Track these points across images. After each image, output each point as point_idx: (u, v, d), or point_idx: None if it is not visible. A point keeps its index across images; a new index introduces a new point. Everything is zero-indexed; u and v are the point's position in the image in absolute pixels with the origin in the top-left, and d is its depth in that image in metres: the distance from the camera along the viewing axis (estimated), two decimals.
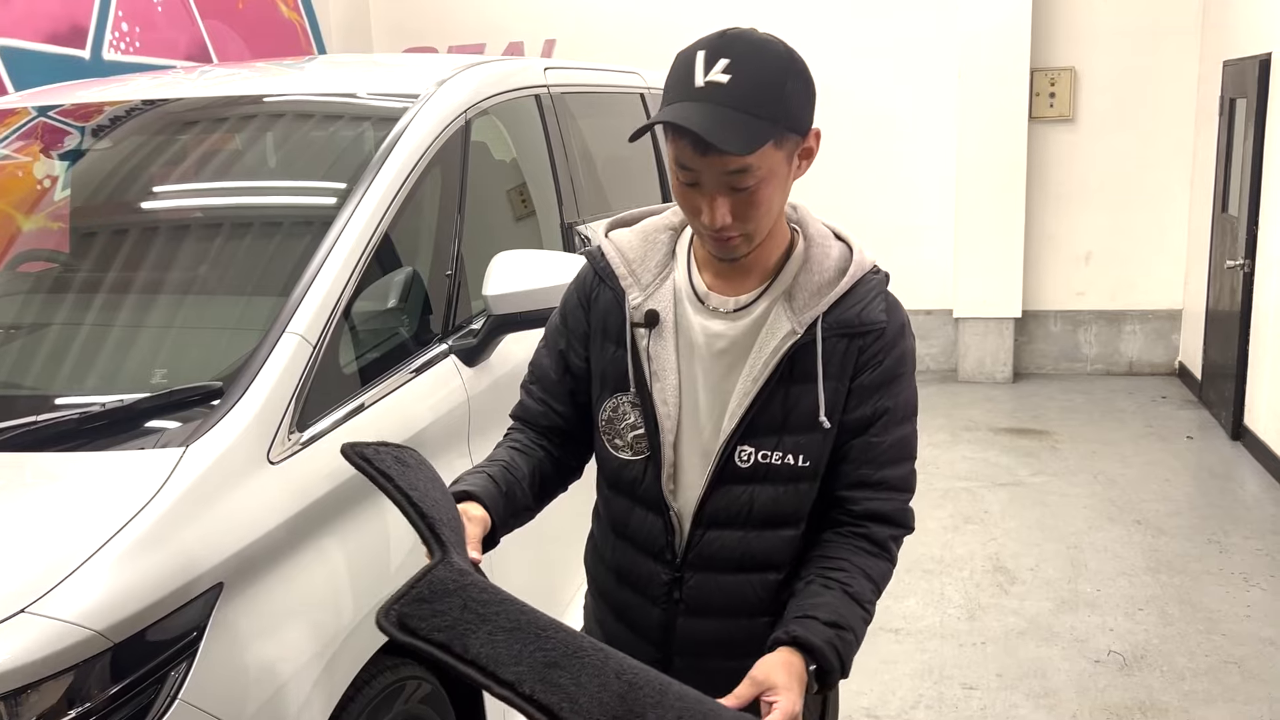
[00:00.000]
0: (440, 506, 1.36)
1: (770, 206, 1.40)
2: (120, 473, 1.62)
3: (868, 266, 1.52)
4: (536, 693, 1.20)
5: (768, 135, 1.33)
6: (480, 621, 1.22)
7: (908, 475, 1.53)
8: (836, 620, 1.39)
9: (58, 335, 2.18)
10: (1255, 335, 5.45)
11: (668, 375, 1.50)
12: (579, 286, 1.60)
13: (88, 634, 1.39)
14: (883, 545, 1.50)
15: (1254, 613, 3.81)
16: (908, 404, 1.51)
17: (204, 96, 2.77)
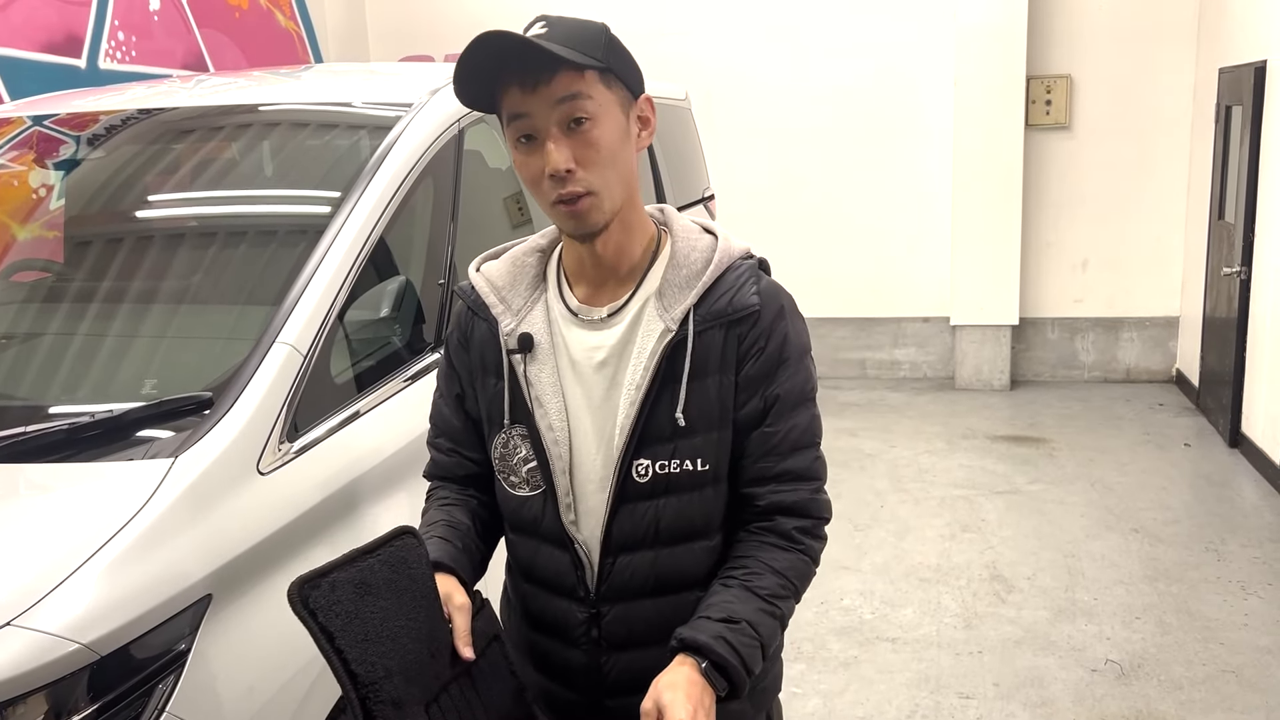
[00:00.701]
0: (398, 645, 1.25)
1: (612, 154, 1.35)
2: (109, 484, 1.62)
3: (736, 253, 1.46)
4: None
5: (590, 64, 1.31)
6: None
7: (811, 463, 1.45)
8: (729, 616, 1.33)
9: (50, 345, 2.18)
10: (1252, 342, 5.45)
11: (550, 399, 1.44)
12: (456, 326, 1.55)
13: (74, 647, 1.38)
14: (789, 537, 1.42)
15: (1251, 621, 3.80)
16: (800, 390, 1.44)
17: (199, 106, 2.77)
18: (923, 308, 7.13)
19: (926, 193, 7.01)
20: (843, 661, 3.57)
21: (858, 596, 4.07)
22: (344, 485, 1.91)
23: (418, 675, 1.26)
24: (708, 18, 7.04)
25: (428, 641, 1.29)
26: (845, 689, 3.41)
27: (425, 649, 1.28)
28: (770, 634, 1.37)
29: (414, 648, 1.26)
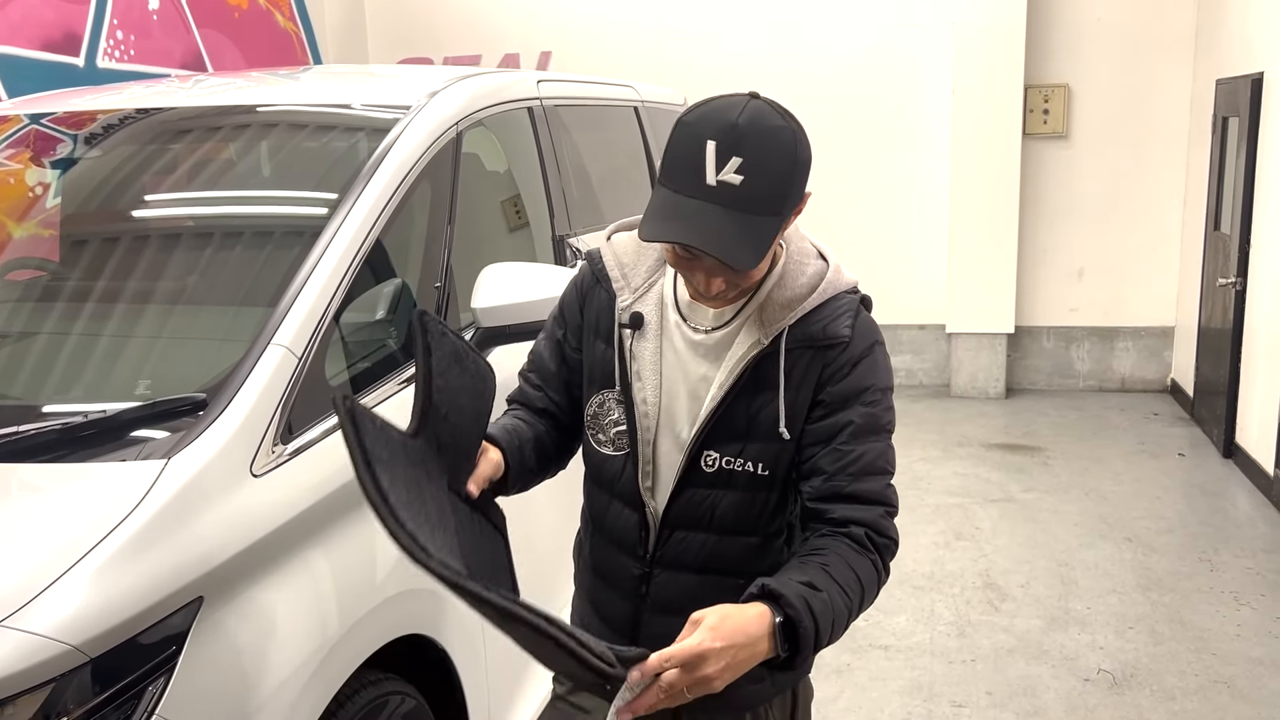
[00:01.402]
0: (460, 411, 1.42)
1: (760, 271, 1.49)
2: (101, 484, 1.61)
3: (843, 285, 1.56)
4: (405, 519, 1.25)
5: (775, 231, 1.40)
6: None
7: (884, 489, 1.52)
8: (811, 581, 1.36)
9: (44, 345, 2.17)
10: (1247, 353, 5.46)
11: (648, 376, 1.57)
12: (577, 284, 1.69)
13: (64, 648, 1.37)
14: (862, 543, 1.46)
15: (1244, 632, 3.80)
16: (875, 420, 1.52)
17: (197, 106, 2.76)
18: (919, 315, 7.14)
19: (924, 200, 7.03)
20: (835, 669, 3.57)
21: None
22: (337, 488, 1.90)
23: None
24: (707, 23, 7.04)
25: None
26: (838, 696, 3.40)
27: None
28: (841, 619, 1.38)
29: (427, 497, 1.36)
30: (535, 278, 2.38)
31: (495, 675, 2.49)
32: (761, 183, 1.36)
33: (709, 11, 7.05)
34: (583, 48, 7.27)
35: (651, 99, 4.42)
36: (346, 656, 1.86)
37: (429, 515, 1.33)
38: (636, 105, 4.21)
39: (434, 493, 1.38)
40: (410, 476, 1.33)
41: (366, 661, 1.92)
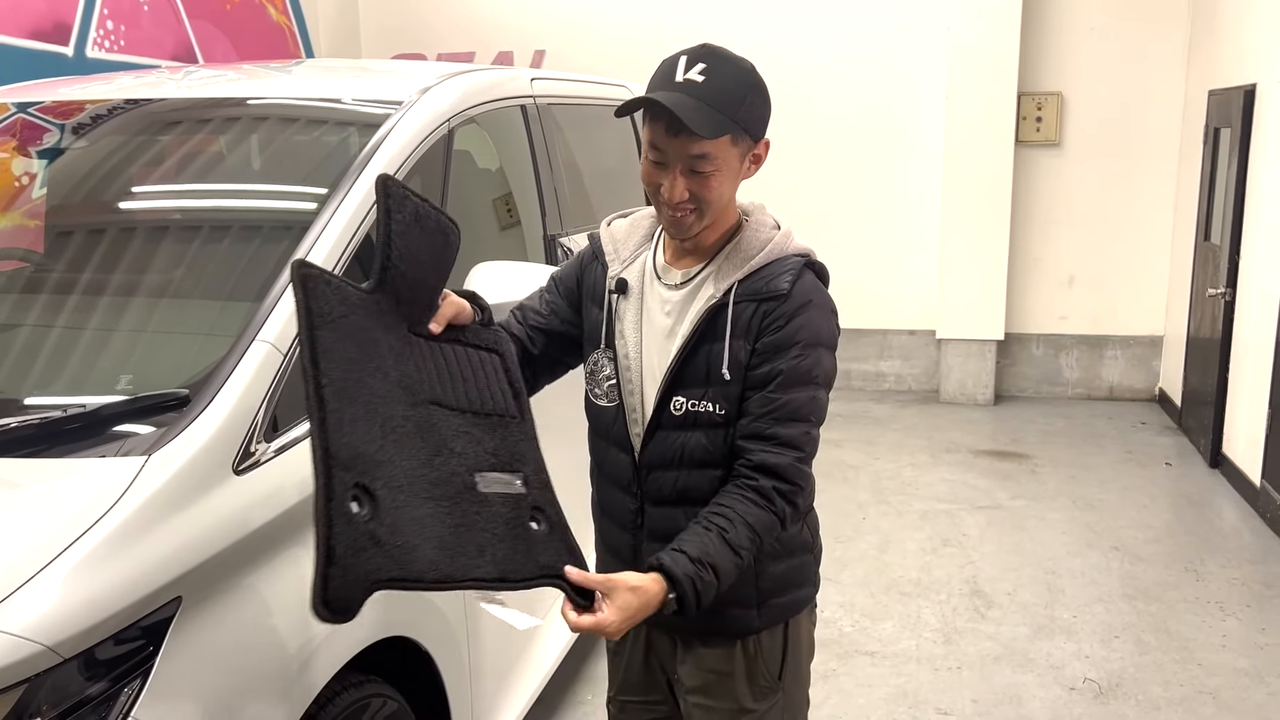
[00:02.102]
0: (419, 264, 1.58)
1: (720, 193, 1.67)
2: (80, 480, 1.58)
3: (791, 249, 1.74)
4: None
5: (727, 129, 1.61)
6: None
7: (801, 435, 1.68)
8: (702, 558, 1.60)
9: (25, 337, 2.14)
10: (1235, 364, 5.47)
11: (630, 334, 1.80)
12: (578, 258, 1.93)
13: (38, 648, 1.35)
14: (767, 496, 1.67)
15: (1229, 642, 3.80)
16: (805, 371, 1.68)
17: (187, 98, 2.73)
18: (909, 321, 7.14)
19: (916, 206, 7.02)
20: (822, 674, 3.55)
21: (838, 609, 4.06)
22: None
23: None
24: (702, 24, 7.03)
25: None
26: (824, 701, 3.39)
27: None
28: (727, 580, 1.63)
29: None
30: (525, 276, 2.35)
31: (478, 678, 2.46)
32: (720, 83, 1.61)
33: (704, 13, 7.04)
34: (577, 47, 7.25)
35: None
36: (328, 659, 1.83)
37: (365, 382, 1.45)
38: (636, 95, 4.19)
39: (391, 341, 1.53)
40: (362, 327, 1.48)
41: (348, 663, 1.90)
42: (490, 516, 1.51)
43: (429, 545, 1.38)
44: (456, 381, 1.63)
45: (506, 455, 1.61)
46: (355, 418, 1.38)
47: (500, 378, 1.71)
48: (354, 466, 1.33)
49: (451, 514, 1.45)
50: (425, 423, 1.51)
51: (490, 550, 1.47)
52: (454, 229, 1.69)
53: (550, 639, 2.98)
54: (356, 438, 1.36)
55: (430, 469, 1.47)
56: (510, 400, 1.70)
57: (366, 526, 1.31)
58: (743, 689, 1.87)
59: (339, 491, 1.30)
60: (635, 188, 4.18)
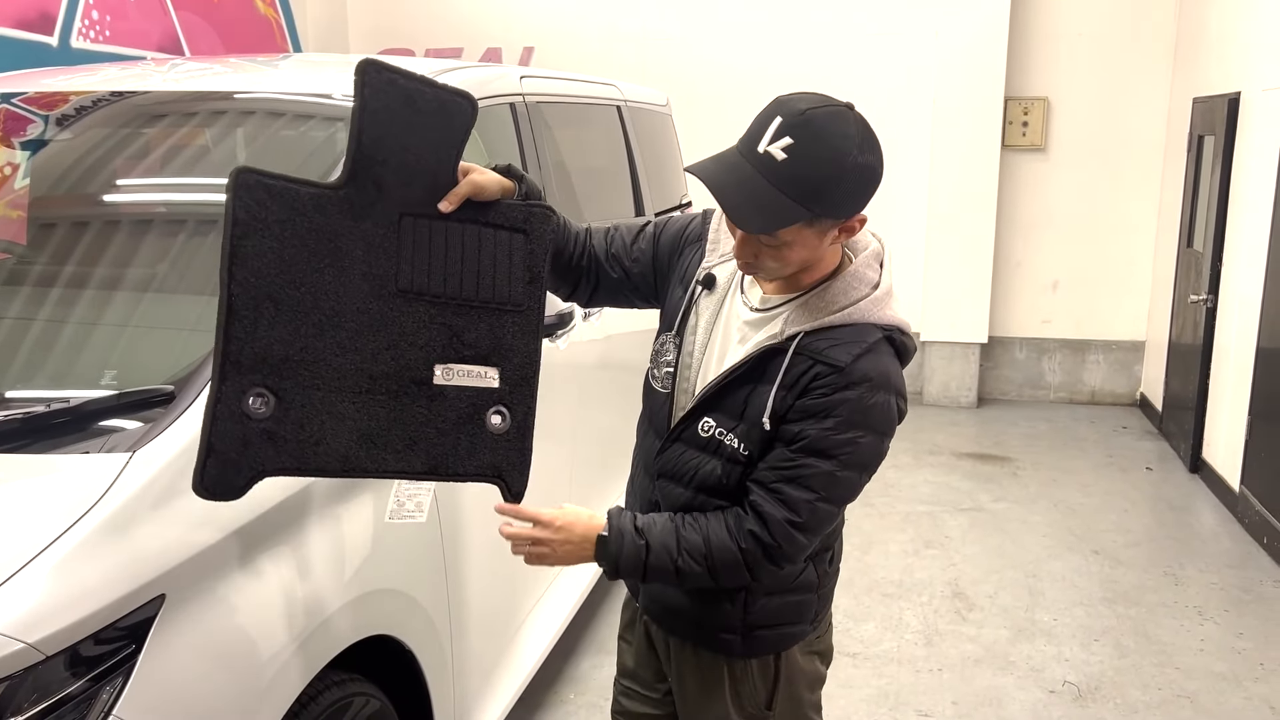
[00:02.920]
0: (411, 148, 1.56)
1: (790, 263, 1.57)
2: (63, 476, 1.57)
3: (875, 318, 1.61)
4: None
5: (795, 218, 1.48)
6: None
7: (803, 503, 1.59)
8: (646, 529, 1.63)
9: (6, 331, 2.12)
10: (1215, 370, 5.51)
11: (700, 332, 1.73)
12: (683, 227, 1.85)
13: (18, 646, 1.34)
14: (741, 532, 1.61)
15: (1207, 646, 3.84)
16: (835, 446, 1.57)
17: (173, 90, 2.71)
18: None
19: (900, 209, 7.04)
20: None
21: None
22: (306, 485, 1.87)
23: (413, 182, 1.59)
24: (690, 26, 7.03)
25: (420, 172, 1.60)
26: None
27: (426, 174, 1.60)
28: (656, 572, 1.63)
29: (419, 163, 1.58)
30: None
31: (461, 677, 2.46)
32: (800, 169, 1.46)
33: (692, 15, 7.04)
34: (566, 45, 7.23)
35: (635, 99, 4.40)
36: (310, 657, 1.82)
37: (303, 282, 1.51)
38: (620, 104, 4.18)
39: (366, 230, 1.54)
40: (315, 226, 1.51)
41: (330, 662, 1.89)
42: (439, 410, 1.58)
43: (345, 438, 1.53)
44: (453, 266, 1.59)
45: (488, 347, 1.61)
46: (275, 320, 1.49)
47: (518, 260, 1.64)
48: (258, 369, 1.48)
49: (387, 407, 1.55)
50: (386, 315, 1.56)
51: (425, 444, 1.56)
52: (460, 103, 1.60)
53: (533, 638, 2.98)
54: (270, 341, 1.48)
55: (374, 363, 1.55)
56: (519, 288, 1.63)
57: (262, 425, 1.48)
58: (729, 706, 1.85)
59: (228, 394, 1.46)
60: (623, 187, 4.17)
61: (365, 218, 1.54)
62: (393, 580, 2.13)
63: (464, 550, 2.45)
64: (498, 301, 1.62)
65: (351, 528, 2.01)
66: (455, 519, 2.39)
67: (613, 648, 3.69)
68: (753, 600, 1.77)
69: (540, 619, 3.06)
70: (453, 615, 2.39)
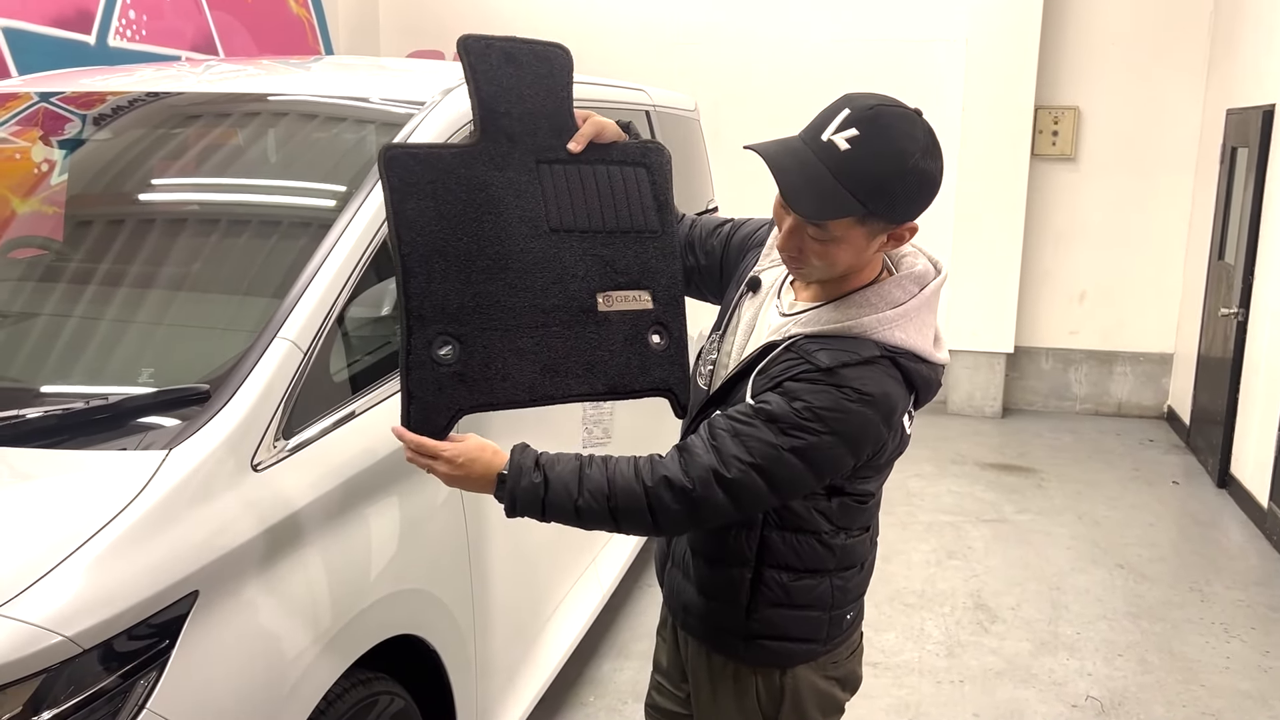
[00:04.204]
0: (524, 99, 1.71)
1: (836, 263, 1.56)
2: (100, 473, 1.59)
3: (877, 335, 1.57)
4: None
5: (849, 212, 1.47)
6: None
7: (735, 460, 1.53)
8: (545, 465, 1.60)
9: (45, 326, 2.15)
10: (1245, 385, 5.46)
11: (740, 333, 1.75)
12: (755, 231, 1.89)
13: (57, 639, 1.36)
14: (651, 470, 1.58)
15: (1233, 664, 3.80)
16: (792, 425, 1.52)
17: (208, 92, 2.75)
18: None
19: (928, 216, 6.98)
20: None
21: None
22: (336, 485, 1.89)
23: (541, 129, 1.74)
24: (718, 30, 7.04)
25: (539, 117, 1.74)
26: None
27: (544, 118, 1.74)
28: (555, 508, 1.59)
29: (538, 108, 1.74)
30: None
31: (485, 677, 2.47)
32: (862, 162, 1.45)
33: (720, 19, 7.04)
34: (594, 48, 7.25)
35: (663, 103, 4.40)
36: (338, 656, 1.84)
37: (467, 231, 1.64)
38: (649, 109, 4.19)
39: (511, 178, 1.67)
40: (465, 180, 1.64)
41: (357, 660, 1.91)
42: (607, 334, 1.71)
43: (530, 370, 1.65)
44: (592, 201, 1.74)
45: (637, 272, 1.75)
46: (446, 273, 1.60)
47: (646, 191, 1.78)
48: (439, 319, 1.60)
49: (562, 337, 1.68)
50: (545, 253, 1.69)
51: (601, 367, 1.69)
52: (557, 52, 1.76)
53: (556, 639, 2.99)
54: (446, 291, 1.60)
55: (544, 298, 1.68)
56: (652, 215, 1.78)
57: (452, 369, 1.60)
58: (734, 713, 1.83)
59: (417, 345, 1.58)
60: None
61: (506, 167, 1.67)
62: (419, 580, 2.14)
63: (488, 551, 2.46)
64: (637, 229, 1.76)
65: (379, 528, 2.03)
66: (480, 520, 2.41)
67: (633, 651, 3.70)
68: (756, 609, 1.75)
69: (563, 620, 3.07)
70: (477, 615, 2.41)
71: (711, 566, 1.78)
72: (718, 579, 1.77)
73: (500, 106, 1.68)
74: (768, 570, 1.73)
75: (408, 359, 1.58)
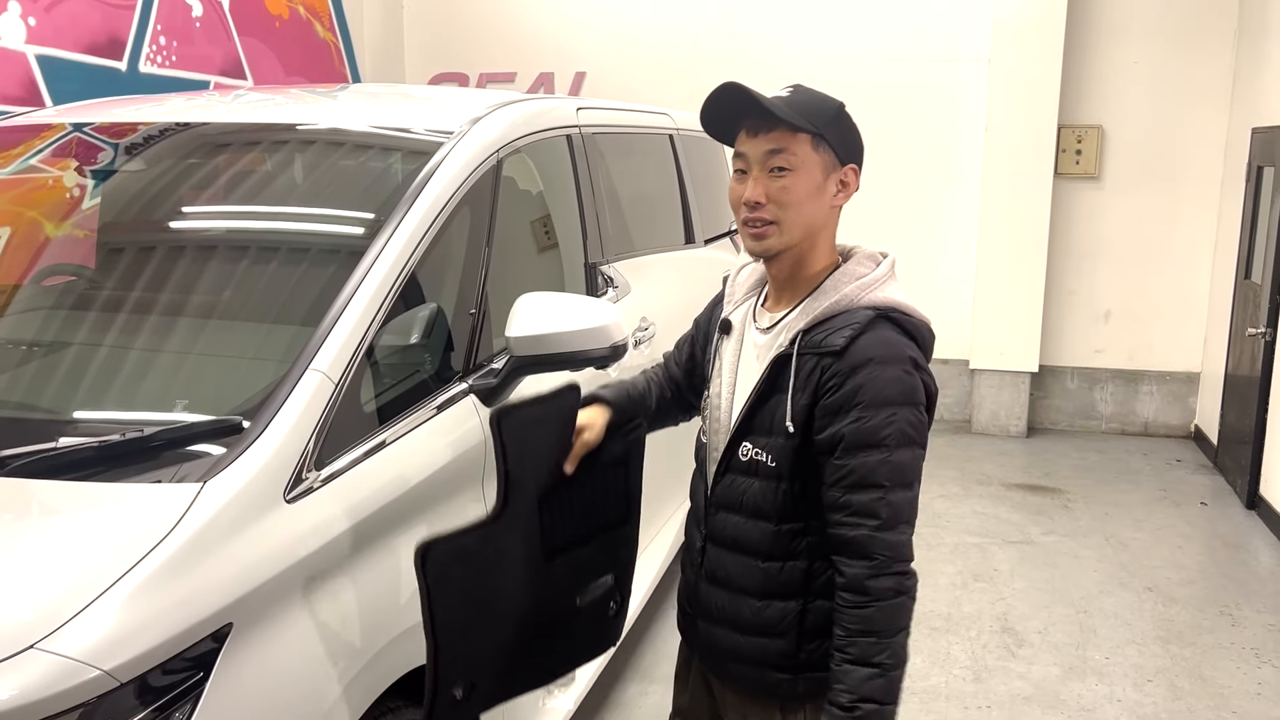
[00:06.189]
0: (541, 451, 1.82)
1: (799, 200, 1.68)
2: (135, 506, 1.61)
3: (862, 302, 1.69)
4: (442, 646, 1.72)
5: (808, 129, 1.66)
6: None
7: (874, 502, 1.60)
8: (876, 693, 1.60)
9: (77, 356, 2.18)
10: (1274, 405, 5.40)
11: (726, 375, 1.83)
12: (713, 299, 2.00)
13: (95, 673, 1.37)
14: (858, 590, 1.61)
15: (1265, 691, 3.75)
16: (872, 433, 1.60)
17: (238, 122, 2.78)
18: (942, 350, 7.09)
19: (952, 235, 7.01)
20: None
21: None
22: (368, 515, 1.91)
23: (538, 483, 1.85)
24: (741, 50, 7.07)
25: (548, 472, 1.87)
26: None
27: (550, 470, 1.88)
28: (888, 692, 1.62)
29: (547, 468, 1.86)
30: (569, 308, 2.37)
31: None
32: (806, 98, 1.69)
33: (743, 39, 7.08)
34: (617, 69, 7.30)
35: (686, 127, 4.43)
36: (369, 684, 1.85)
37: (489, 595, 1.80)
38: (672, 133, 4.22)
39: (519, 528, 1.79)
40: (487, 554, 1.76)
41: (389, 689, 1.91)
42: (581, 624, 1.97)
43: (512, 686, 1.93)
44: (578, 517, 1.91)
45: (607, 561, 2.00)
46: (466, 640, 1.76)
47: (619, 486, 1.97)
48: (457, 669, 1.76)
49: (544, 648, 1.92)
50: (541, 580, 1.88)
51: (569, 650, 1.99)
52: (567, 395, 1.86)
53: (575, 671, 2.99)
54: (467, 650, 1.77)
55: (540, 616, 1.89)
56: (621, 506, 1.99)
57: (464, 705, 1.79)
58: None
59: (443, 689, 1.74)
60: (674, 216, 4.20)
61: (516, 523, 1.80)
62: None
63: None
64: (607, 524, 1.97)
65: (409, 556, 2.03)
66: None
67: (658, 675, 3.69)
68: (805, 643, 1.76)
69: None
70: None
71: (762, 603, 1.77)
72: (769, 616, 1.76)
73: (523, 475, 1.79)
74: (817, 600, 1.74)
75: (432, 702, 1.74)
